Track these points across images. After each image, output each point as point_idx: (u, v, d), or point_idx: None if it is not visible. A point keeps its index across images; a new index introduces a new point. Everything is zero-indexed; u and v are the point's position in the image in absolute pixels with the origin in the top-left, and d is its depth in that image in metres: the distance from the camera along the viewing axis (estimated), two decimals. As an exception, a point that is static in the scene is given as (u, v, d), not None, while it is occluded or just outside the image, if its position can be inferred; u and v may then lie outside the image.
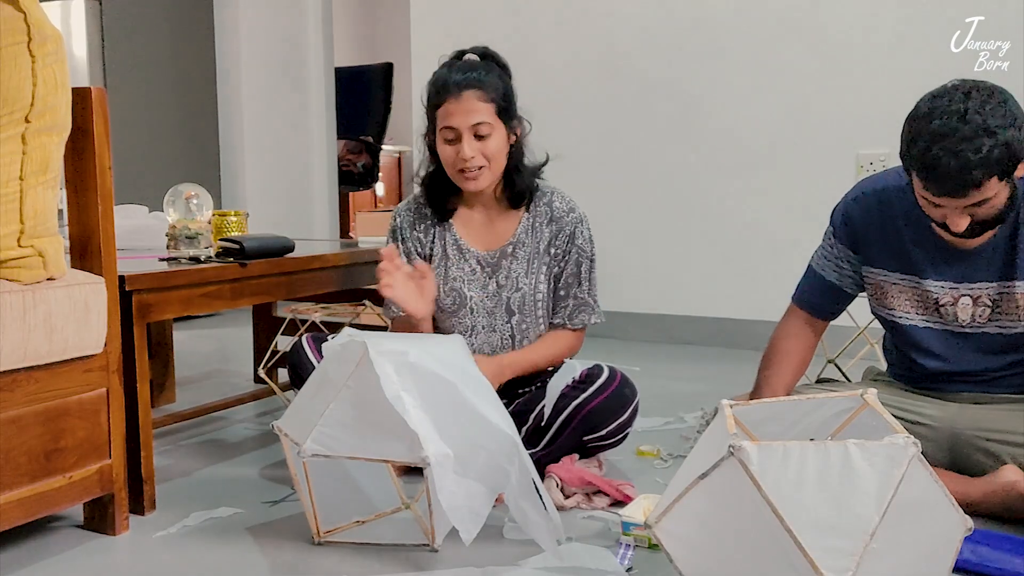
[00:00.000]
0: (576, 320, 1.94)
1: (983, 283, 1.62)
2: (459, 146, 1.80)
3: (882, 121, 3.21)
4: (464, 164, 1.81)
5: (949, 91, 1.49)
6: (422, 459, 1.41)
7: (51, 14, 2.01)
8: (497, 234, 1.94)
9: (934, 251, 1.65)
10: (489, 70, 1.84)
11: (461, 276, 1.93)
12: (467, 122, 1.79)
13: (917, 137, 1.48)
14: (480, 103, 1.80)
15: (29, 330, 1.43)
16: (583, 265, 1.93)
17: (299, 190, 4.95)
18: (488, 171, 1.83)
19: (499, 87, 1.83)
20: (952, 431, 1.68)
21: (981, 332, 1.65)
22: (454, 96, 1.80)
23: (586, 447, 1.87)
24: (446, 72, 1.84)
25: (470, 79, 1.80)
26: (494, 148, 1.82)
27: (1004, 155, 1.43)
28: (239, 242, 1.96)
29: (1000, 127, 1.42)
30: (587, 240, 1.94)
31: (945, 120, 1.45)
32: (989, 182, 1.44)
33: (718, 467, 1.12)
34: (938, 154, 1.44)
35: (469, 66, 1.84)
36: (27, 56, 1.42)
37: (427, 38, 4.12)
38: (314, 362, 1.84)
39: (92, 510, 1.66)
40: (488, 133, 1.81)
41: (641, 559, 1.51)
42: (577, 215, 1.94)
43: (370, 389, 1.43)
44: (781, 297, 1.96)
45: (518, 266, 1.91)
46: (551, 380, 1.88)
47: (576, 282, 1.93)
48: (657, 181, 3.66)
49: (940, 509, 1.15)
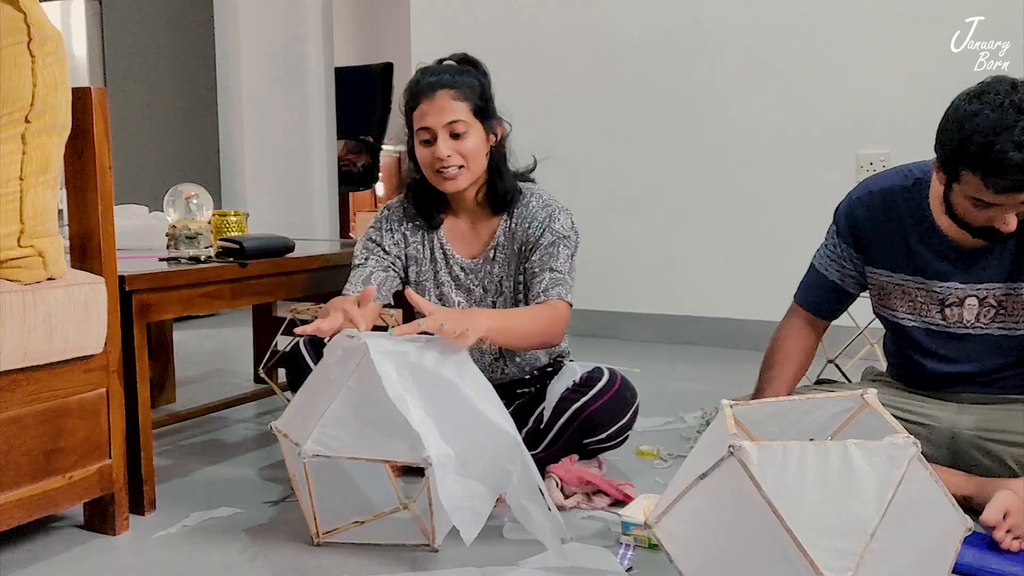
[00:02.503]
0: (552, 292, 1.79)
1: (990, 283, 1.61)
2: (435, 146, 1.78)
3: (882, 121, 3.22)
4: (440, 164, 1.78)
5: (992, 86, 1.43)
6: (424, 459, 1.40)
7: (51, 14, 2.01)
8: (480, 241, 1.91)
9: (941, 251, 1.64)
10: (463, 72, 1.83)
11: (448, 282, 1.92)
12: (441, 121, 1.77)
13: (972, 134, 1.41)
14: (453, 101, 1.77)
15: (29, 330, 1.43)
16: (559, 245, 1.82)
17: (299, 190, 4.95)
18: (467, 171, 1.80)
19: (474, 86, 1.81)
20: (952, 431, 1.68)
21: (984, 333, 1.64)
22: (427, 97, 1.78)
23: (586, 449, 1.87)
24: (419, 75, 1.83)
25: (443, 79, 1.79)
26: (471, 147, 1.79)
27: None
28: (239, 242, 1.96)
29: None
30: (566, 226, 1.85)
31: (1001, 114, 1.39)
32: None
33: (718, 467, 1.12)
34: (1004, 147, 1.38)
35: (442, 68, 1.83)
36: (27, 56, 1.42)
37: (427, 38, 4.12)
38: (312, 364, 1.83)
39: (92, 510, 1.66)
40: (464, 131, 1.78)
41: (641, 559, 1.51)
42: (554, 207, 1.86)
43: (371, 389, 1.43)
44: (781, 297, 1.95)
45: (499, 270, 1.89)
46: (551, 383, 1.88)
47: (552, 259, 1.81)
48: (657, 181, 3.66)
49: (940, 509, 1.15)
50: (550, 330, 1.79)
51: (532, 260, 1.84)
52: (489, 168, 1.85)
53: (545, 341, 1.81)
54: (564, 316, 1.81)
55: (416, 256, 1.93)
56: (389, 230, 1.93)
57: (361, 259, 1.91)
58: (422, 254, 1.93)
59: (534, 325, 1.76)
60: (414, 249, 1.93)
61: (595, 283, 3.56)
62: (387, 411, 1.42)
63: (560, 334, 1.82)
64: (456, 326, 1.52)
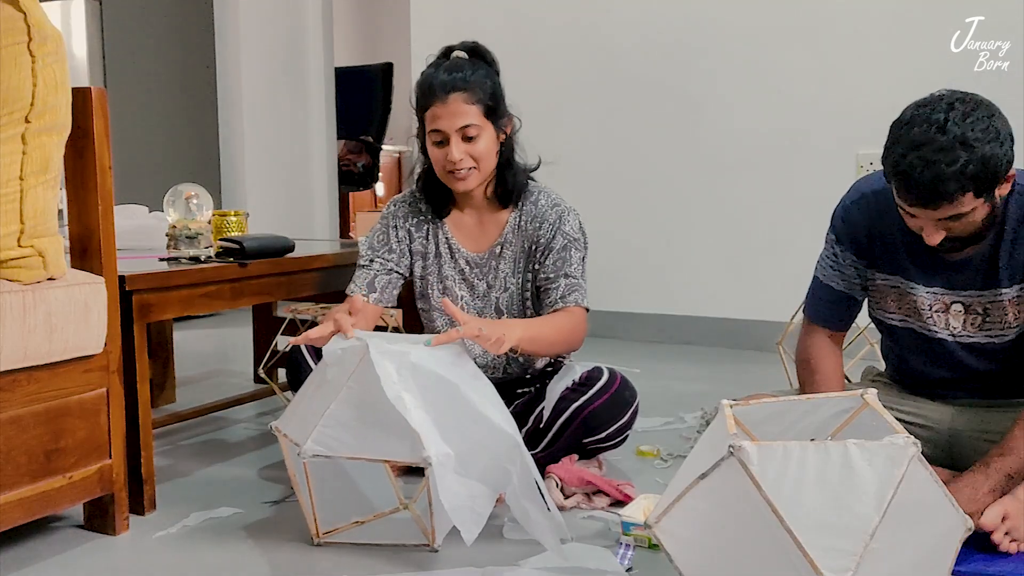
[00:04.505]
0: (569, 299, 1.83)
1: (973, 291, 1.60)
2: (447, 148, 1.78)
3: (882, 121, 3.16)
4: (453, 166, 1.79)
5: (934, 100, 1.45)
6: (424, 459, 1.41)
7: (51, 14, 2.00)
8: (487, 235, 1.92)
9: (926, 257, 1.62)
10: (476, 69, 1.81)
11: (452, 276, 1.92)
12: (454, 125, 1.77)
13: (895, 143, 1.45)
14: (467, 105, 1.77)
15: (29, 330, 1.43)
16: (571, 248, 1.86)
17: (299, 190, 4.95)
18: (477, 171, 1.82)
19: (486, 86, 1.80)
20: (951, 431, 1.68)
21: (971, 342, 1.63)
22: (440, 99, 1.77)
23: (586, 449, 1.87)
24: (432, 73, 1.81)
25: (456, 81, 1.77)
26: (482, 149, 1.80)
27: (980, 171, 1.38)
28: (239, 242, 1.96)
29: (979, 141, 1.38)
30: (575, 228, 1.88)
31: (924, 129, 1.41)
32: (963, 197, 1.40)
33: (718, 467, 1.12)
34: (913, 162, 1.40)
35: (455, 66, 1.81)
36: (27, 56, 1.42)
37: (427, 38, 4.12)
38: (312, 364, 1.83)
39: (92, 510, 1.66)
40: (476, 135, 1.78)
41: (641, 559, 1.51)
42: (563, 207, 1.89)
43: (371, 389, 1.43)
44: (781, 297, 1.96)
45: (505, 266, 1.90)
46: (550, 383, 1.88)
47: (566, 264, 1.85)
48: (657, 181, 3.66)
49: (940, 509, 1.15)
50: (572, 337, 1.83)
51: (545, 265, 1.86)
52: (499, 163, 1.86)
53: (569, 348, 1.85)
54: (583, 321, 1.85)
55: (421, 251, 1.94)
56: (394, 227, 1.94)
57: (366, 260, 1.92)
58: (427, 248, 1.94)
59: (558, 334, 1.80)
60: (419, 244, 1.94)
61: (595, 283, 3.53)
62: (387, 411, 1.42)
63: (581, 340, 1.86)
64: (492, 333, 1.56)
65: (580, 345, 1.87)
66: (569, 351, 1.88)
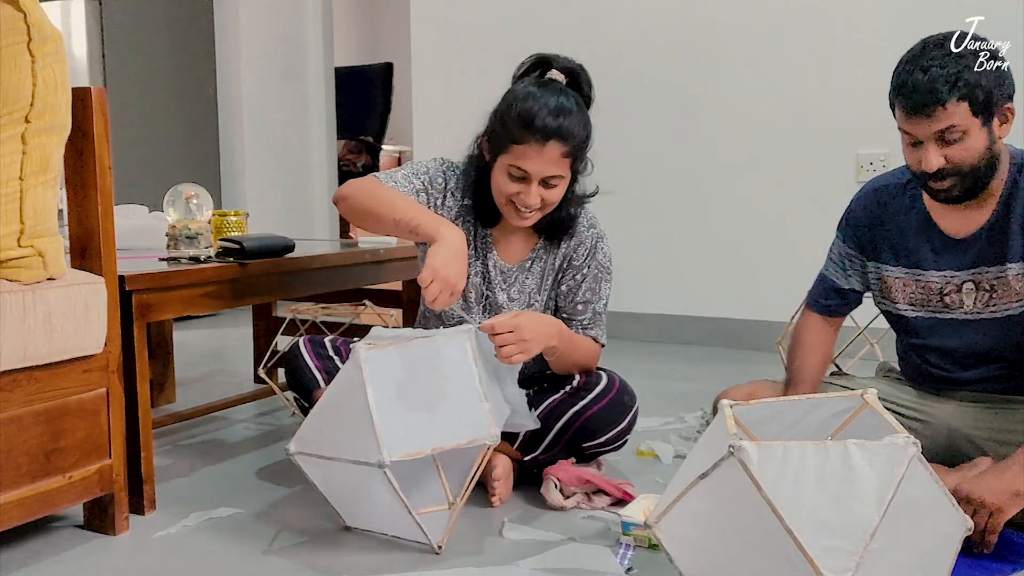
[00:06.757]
0: (591, 332, 1.87)
1: (983, 267, 1.63)
2: (523, 187, 1.70)
3: (882, 121, 3.17)
4: (523, 205, 1.73)
5: (936, 34, 1.56)
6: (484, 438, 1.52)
7: (51, 14, 2.00)
8: (522, 247, 1.88)
9: (934, 241, 1.67)
10: (578, 110, 1.72)
11: (479, 276, 1.87)
12: (541, 172, 1.68)
13: (897, 64, 1.56)
14: (561, 157, 1.69)
15: (29, 330, 1.43)
16: (602, 280, 1.89)
17: (299, 190, 4.95)
18: (540, 213, 1.76)
19: (582, 136, 1.72)
20: (948, 427, 1.70)
21: (981, 318, 1.66)
22: (537, 142, 1.66)
23: (584, 453, 1.86)
24: (536, 106, 1.67)
25: (560, 129, 1.67)
26: (556, 196, 1.74)
27: (975, 83, 1.47)
28: (239, 242, 1.96)
29: (976, 58, 1.48)
30: (607, 258, 1.89)
31: (927, 47, 1.53)
32: (957, 107, 1.47)
33: (718, 467, 1.12)
34: (910, 69, 1.51)
35: (561, 109, 1.68)
36: (27, 56, 1.42)
37: (427, 38, 4.12)
38: (312, 364, 1.83)
39: (92, 510, 1.66)
40: (557, 184, 1.73)
41: (641, 559, 1.51)
42: (598, 231, 1.89)
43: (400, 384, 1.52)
44: (781, 297, 1.96)
45: (532, 281, 1.87)
46: (550, 385, 1.88)
47: (595, 295, 1.88)
48: (657, 181, 3.66)
49: (940, 509, 1.15)
50: (586, 365, 1.88)
51: (574, 288, 1.87)
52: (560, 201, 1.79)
53: (579, 371, 1.87)
54: (598, 355, 1.91)
55: None
56: (443, 196, 1.84)
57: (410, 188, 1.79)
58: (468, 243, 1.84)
59: (582, 356, 1.85)
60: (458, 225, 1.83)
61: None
62: (434, 400, 1.54)
63: (591, 366, 1.90)
64: (520, 334, 1.61)
65: None
66: (577, 372, 1.87)
